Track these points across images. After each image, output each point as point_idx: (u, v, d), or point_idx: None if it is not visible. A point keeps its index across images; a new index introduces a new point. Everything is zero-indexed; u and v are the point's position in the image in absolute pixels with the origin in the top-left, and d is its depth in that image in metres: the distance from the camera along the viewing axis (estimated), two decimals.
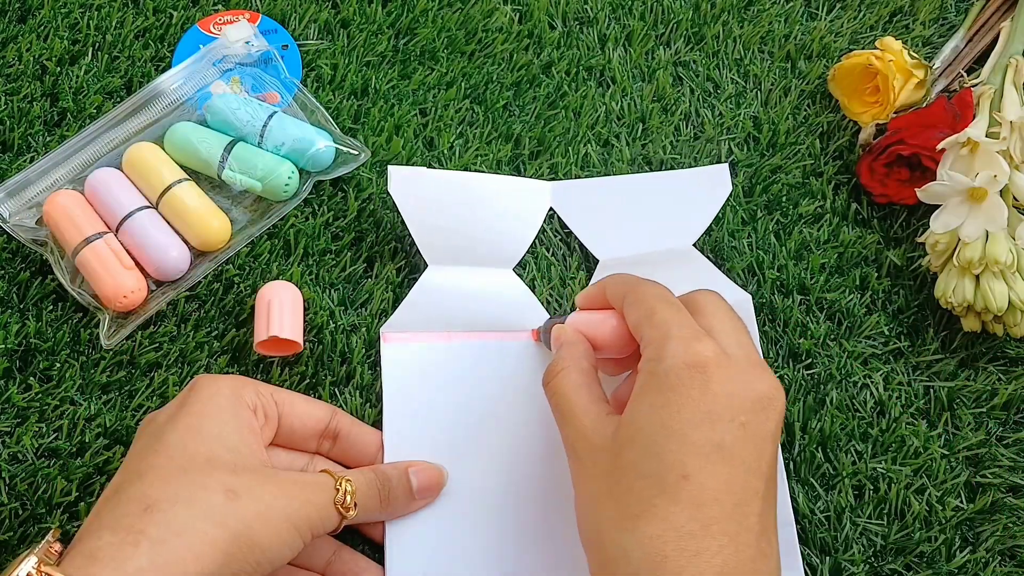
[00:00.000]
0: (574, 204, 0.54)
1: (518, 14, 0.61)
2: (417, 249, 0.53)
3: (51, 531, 0.38)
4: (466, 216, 0.52)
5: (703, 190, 0.54)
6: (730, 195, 0.55)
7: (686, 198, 0.54)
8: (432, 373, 0.49)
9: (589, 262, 0.53)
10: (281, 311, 0.49)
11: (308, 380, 0.50)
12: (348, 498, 0.40)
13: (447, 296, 0.51)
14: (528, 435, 0.48)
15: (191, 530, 0.36)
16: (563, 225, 0.54)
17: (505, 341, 0.50)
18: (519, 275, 0.52)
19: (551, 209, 0.54)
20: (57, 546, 0.37)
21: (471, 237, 0.52)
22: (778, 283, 0.53)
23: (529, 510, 0.46)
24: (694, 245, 0.53)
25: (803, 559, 0.46)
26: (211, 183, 0.54)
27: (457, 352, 0.50)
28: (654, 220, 0.53)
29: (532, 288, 0.52)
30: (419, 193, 0.52)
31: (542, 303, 0.52)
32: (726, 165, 0.54)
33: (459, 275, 0.51)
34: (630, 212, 0.54)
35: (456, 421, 0.48)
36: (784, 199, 0.55)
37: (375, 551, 0.46)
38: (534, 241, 0.54)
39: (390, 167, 0.52)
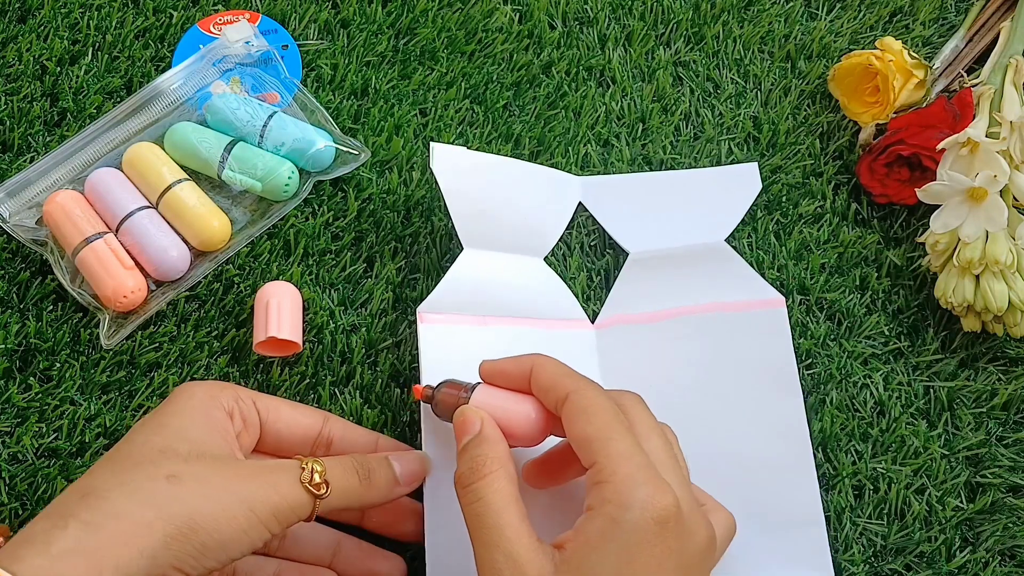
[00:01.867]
0: (603, 199, 0.54)
1: (518, 14, 0.61)
2: (417, 249, 0.53)
3: None
4: (504, 201, 0.52)
5: (733, 187, 0.54)
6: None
7: (716, 195, 0.54)
8: (466, 355, 0.48)
9: (589, 263, 0.53)
10: (280, 312, 0.49)
11: (308, 380, 0.50)
12: (316, 476, 0.39)
13: (482, 280, 0.50)
14: None
15: (125, 513, 0.35)
16: (565, 226, 0.54)
17: (538, 329, 0.50)
18: None
19: (580, 205, 0.54)
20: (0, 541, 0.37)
21: (508, 223, 0.52)
22: (778, 283, 0.53)
23: (559, 495, 0.46)
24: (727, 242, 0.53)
25: None
26: (211, 183, 0.54)
27: (491, 337, 0.49)
28: (684, 215, 0.53)
29: None
30: (460, 173, 0.51)
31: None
32: (755, 164, 0.55)
33: (493, 260, 0.51)
34: (659, 207, 0.54)
35: None
36: (784, 199, 0.55)
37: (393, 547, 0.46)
38: None
39: (433, 144, 0.51)
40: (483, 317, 0.49)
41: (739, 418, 0.48)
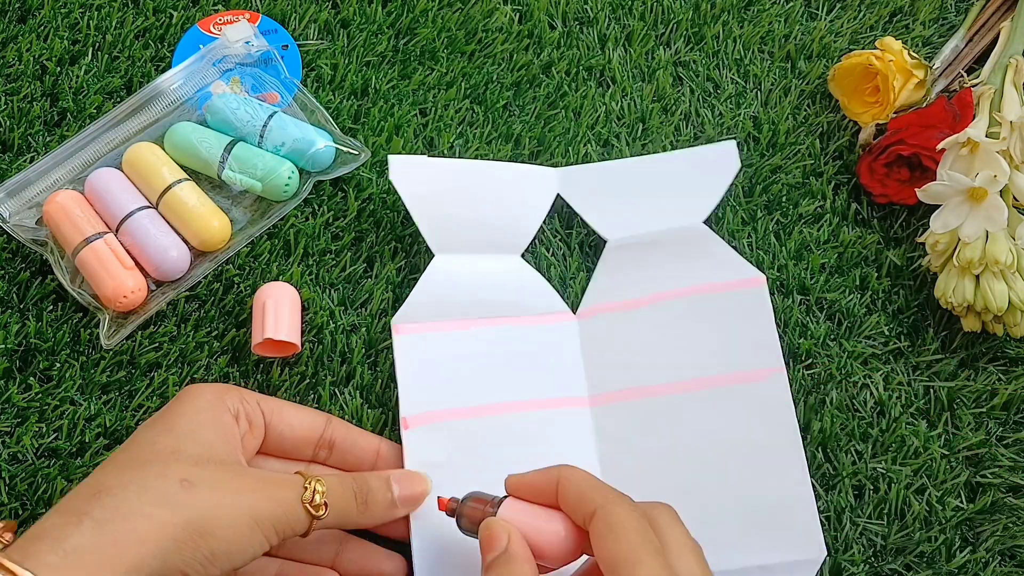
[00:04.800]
0: (581, 188, 0.54)
1: (518, 14, 0.61)
2: (417, 249, 0.53)
3: (2, 523, 0.38)
4: (471, 203, 0.52)
5: (711, 167, 0.54)
6: (731, 194, 0.55)
7: (694, 176, 0.54)
8: (447, 362, 0.49)
9: (589, 262, 0.53)
10: (277, 312, 0.49)
11: (308, 380, 0.50)
12: (317, 497, 0.39)
13: (456, 284, 0.50)
14: (547, 419, 0.48)
15: (138, 513, 0.35)
16: (564, 225, 0.54)
17: (519, 326, 0.50)
18: None
19: (558, 196, 0.54)
20: (8, 536, 0.37)
21: (476, 224, 0.52)
22: (778, 283, 0.53)
23: None
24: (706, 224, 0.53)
25: None
26: (211, 183, 0.54)
27: (471, 340, 0.49)
28: (662, 198, 0.53)
29: None
30: (421, 181, 0.52)
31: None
32: (733, 142, 0.54)
33: (467, 263, 0.51)
34: (638, 191, 0.54)
35: (474, 409, 0.48)
36: (784, 199, 0.55)
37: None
38: (534, 241, 0.54)
39: (390, 156, 0.52)
40: (461, 321, 0.50)
41: (724, 398, 0.48)
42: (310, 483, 0.40)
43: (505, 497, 0.40)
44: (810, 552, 0.45)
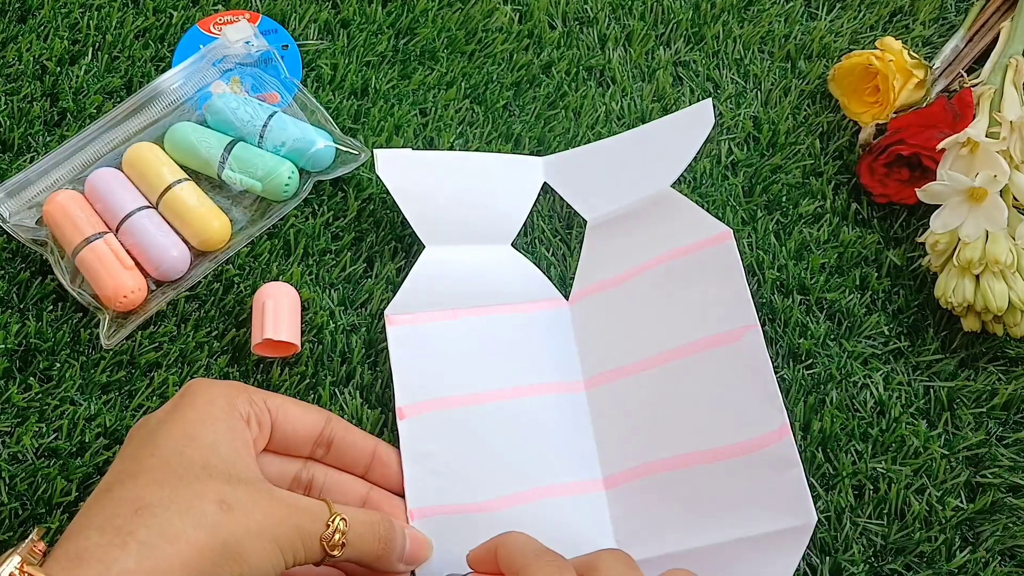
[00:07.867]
0: (565, 173, 0.54)
1: (518, 14, 0.61)
2: (417, 249, 0.53)
3: (35, 530, 0.37)
4: (458, 194, 0.52)
5: (686, 129, 0.54)
6: (731, 194, 0.55)
7: (669, 140, 0.54)
8: (440, 351, 0.49)
9: None
10: (276, 313, 0.49)
11: (308, 380, 0.50)
12: (336, 536, 0.39)
13: (447, 274, 0.51)
14: (542, 405, 0.48)
15: (182, 536, 0.35)
16: (564, 226, 0.54)
17: (512, 314, 0.50)
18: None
19: (545, 185, 0.54)
20: (41, 545, 0.36)
21: (465, 214, 0.52)
22: (778, 283, 0.53)
23: (547, 481, 0.47)
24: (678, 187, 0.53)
25: (803, 558, 0.46)
26: (211, 183, 0.54)
27: (464, 328, 0.49)
28: (635, 169, 0.53)
29: None
30: (408, 174, 0.52)
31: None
32: (709, 100, 0.55)
33: (457, 253, 0.51)
34: (617, 167, 0.54)
35: (469, 397, 0.48)
36: (784, 199, 0.55)
37: None
38: (533, 241, 0.54)
39: (376, 150, 0.52)
40: (453, 310, 0.50)
41: (704, 364, 0.48)
42: (333, 520, 0.40)
43: (469, 573, 0.41)
44: (799, 518, 0.43)
